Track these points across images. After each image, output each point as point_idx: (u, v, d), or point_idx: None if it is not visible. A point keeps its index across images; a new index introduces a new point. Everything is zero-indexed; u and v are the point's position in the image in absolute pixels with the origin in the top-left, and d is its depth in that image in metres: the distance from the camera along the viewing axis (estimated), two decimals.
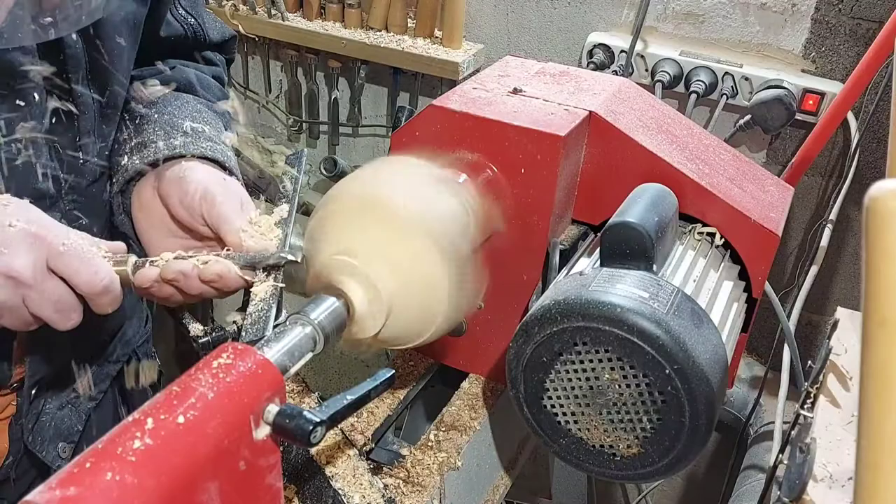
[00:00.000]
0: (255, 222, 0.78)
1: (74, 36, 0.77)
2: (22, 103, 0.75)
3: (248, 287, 0.76)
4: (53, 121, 0.79)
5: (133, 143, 0.85)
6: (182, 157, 0.82)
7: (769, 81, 1.51)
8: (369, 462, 0.84)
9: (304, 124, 2.08)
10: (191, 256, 0.74)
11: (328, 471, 0.79)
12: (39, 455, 0.91)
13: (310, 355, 0.64)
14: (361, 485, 0.79)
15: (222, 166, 0.85)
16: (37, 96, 0.76)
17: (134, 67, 0.90)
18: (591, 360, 0.71)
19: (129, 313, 1.05)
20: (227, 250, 0.76)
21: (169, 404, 0.50)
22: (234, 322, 0.77)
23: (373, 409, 0.93)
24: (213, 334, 0.78)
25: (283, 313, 0.73)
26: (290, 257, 0.74)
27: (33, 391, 0.90)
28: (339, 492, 0.77)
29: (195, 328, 0.80)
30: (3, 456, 0.91)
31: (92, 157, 0.85)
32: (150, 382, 1.05)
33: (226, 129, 0.93)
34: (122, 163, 0.85)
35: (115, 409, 1.05)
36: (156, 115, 0.87)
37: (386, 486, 0.82)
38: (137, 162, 0.83)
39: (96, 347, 0.99)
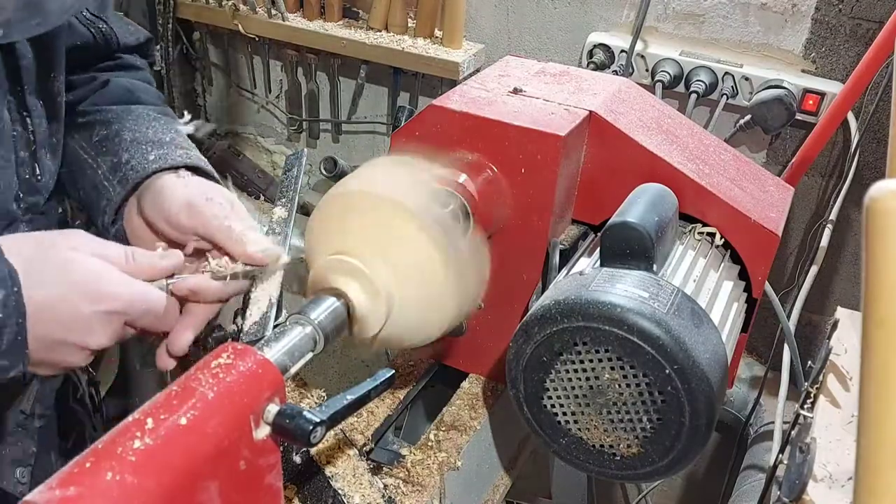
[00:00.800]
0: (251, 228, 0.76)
1: (26, 47, 0.74)
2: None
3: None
4: (14, 133, 0.76)
5: (105, 167, 0.82)
6: (160, 171, 0.79)
7: (769, 81, 1.51)
8: (369, 462, 0.84)
9: (304, 124, 2.08)
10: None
11: (328, 471, 0.79)
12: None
13: (310, 355, 0.64)
14: (361, 485, 0.79)
15: (201, 171, 0.82)
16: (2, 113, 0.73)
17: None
18: (591, 360, 0.71)
19: None
20: (228, 258, 0.75)
21: (169, 404, 0.50)
22: (235, 322, 0.77)
23: (373, 409, 0.93)
24: (213, 334, 0.78)
25: (283, 313, 0.73)
26: (295, 257, 0.75)
27: None
28: (339, 492, 0.77)
29: None
30: None
31: (46, 173, 0.81)
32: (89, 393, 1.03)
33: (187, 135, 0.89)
34: (101, 190, 0.81)
35: (61, 425, 1.00)
36: (116, 135, 0.83)
37: (386, 486, 0.82)
38: (119, 188, 0.80)
39: None
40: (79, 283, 0.65)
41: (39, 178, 0.81)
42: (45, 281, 0.64)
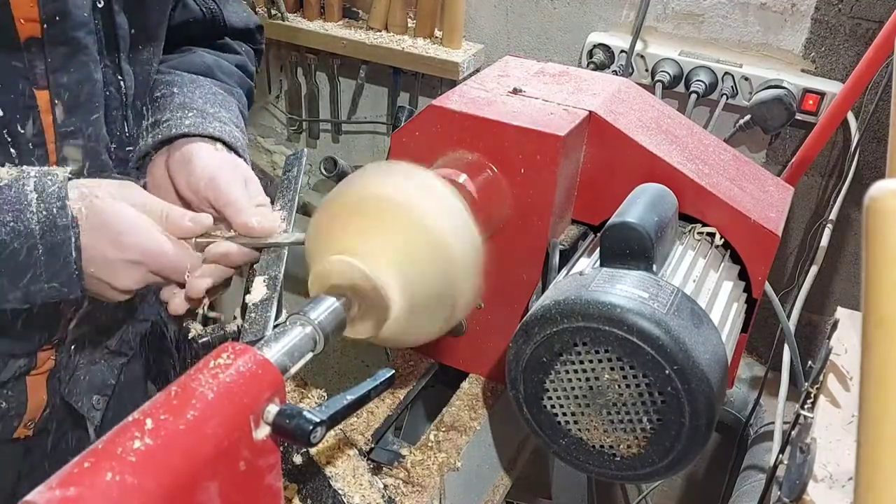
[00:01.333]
0: (261, 204, 0.81)
1: (123, 18, 0.82)
2: (83, 77, 0.80)
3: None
4: (108, 94, 0.84)
5: (149, 122, 0.89)
6: (191, 136, 0.85)
7: (769, 81, 1.51)
8: (369, 462, 0.84)
9: (303, 124, 2.08)
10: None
11: (328, 471, 0.79)
12: (75, 406, 0.97)
13: (310, 355, 0.64)
14: (361, 485, 0.79)
15: (231, 147, 0.87)
16: (95, 72, 0.81)
17: None
18: (591, 361, 0.71)
19: None
20: (234, 232, 0.80)
21: (169, 404, 0.50)
22: (235, 321, 0.78)
23: (373, 409, 0.93)
24: (213, 335, 0.78)
25: (283, 313, 0.73)
26: (295, 238, 0.78)
27: (72, 347, 0.95)
28: (339, 492, 0.77)
29: (195, 328, 0.80)
30: (43, 407, 0.96)
31: (134, 131, 0.89)
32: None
33: (241, 115, 0.96)
34: (137, 138, 0.89)
35: (145, 364, 1.12)
36: (171, 96, 0.91)
37: (386, 486, 0.82)
38: (150, 140, 0.87)
39: (130, 307, 1.03)
40: (108, 230, 0.73)
41: (128, 135, 0.89)
42: (88, 227, 0.73)
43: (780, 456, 0.88)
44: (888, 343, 0.37)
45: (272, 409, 0.54)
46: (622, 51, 1.61)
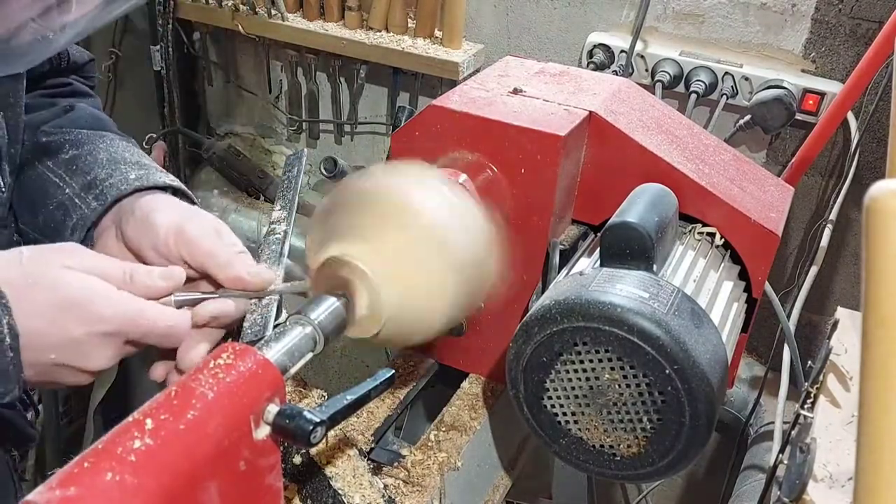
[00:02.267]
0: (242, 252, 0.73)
1: None
2: None
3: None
4: None
5: (77, 186, 0.77)
6: (142, 190, 0.76)
7: (769, 81, 1.51)
8: (369, 462, 0.84)
9: (304, 124, 2.08)
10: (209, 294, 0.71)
11: (328, 471, 0.79)
12: None
13: (310, 355, 0.64)
14: (361, 485, 0.79)
15: (182, 194, 0.79)
16: None
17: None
18: (591, 360, 0.71)
19: None
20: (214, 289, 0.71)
21: (169, 404, 0.50)
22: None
23: (373, 409, 0.93)
24: None
25: (283, 313, 0.73)
26: (292, 286, 0.72)
27: None
28: (340, 492, 0.77)
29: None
30: None
31: (6, 187, 0.78)
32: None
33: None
34: (71, 208, 0.76)
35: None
36: (90, 154, 0.80)
37: (386, 486, 0.82)
38: (95, 204, 0.75)
39: None
40: (70, 304, 0.62)
41: (3, 190, 0.78)
42: (35, 304, 0.61)
43: (780, 456, 0.88)
44: (888, 343, 0.37)
45: (272, 409, 0.54)
46: (622, 51, 1.61)
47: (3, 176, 0.78)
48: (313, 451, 0.80)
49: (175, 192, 0.79)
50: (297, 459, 0.78)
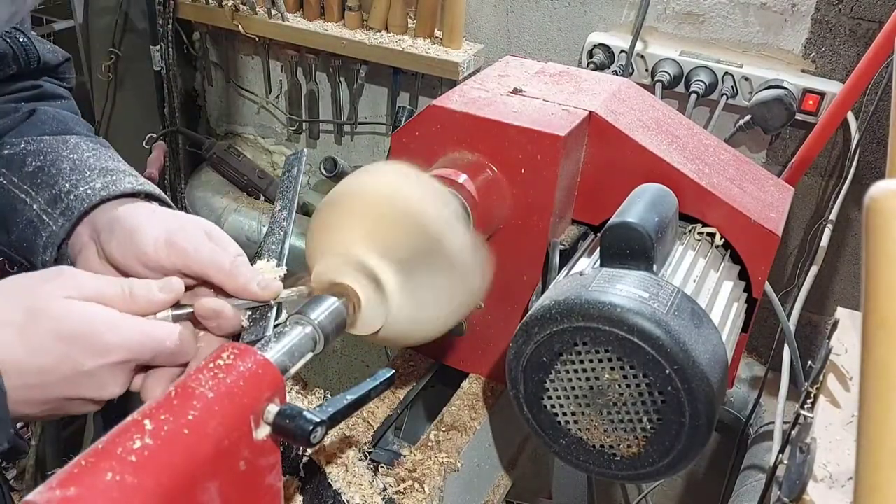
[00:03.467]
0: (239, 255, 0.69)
1: None
2: None
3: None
4: None
5: (43, 200, 0.73)
6: (108, 199, 0.71)
7: (769, 81, 1.51)
8: (370, 462, 0.84)
9: (304, 124, 2.08)
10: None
11: (328, 470, 0.79)
12: None
13: (310, 355, 0.64)
14: (361, 485, 0.79)
15: (157, 198, 0.75)
16: None
17: None
18: (591, 361, 0.71)
19: None
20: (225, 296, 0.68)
21: (169, 404, 0.50)
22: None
23: (373, 409, 0.93)
24: None
25: (283, 313, 0.73)
26: (298, 292, 0.70)
27: None
28: (340, 492, 0.77)
29: None
30: None
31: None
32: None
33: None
34: (39, 225, 0.72)
35: None
36: (53, 163, 0.75)
37: (385, 487, 0.82)
38: (62, 220, 0.71)
39: None
40: (78, 338, 0.59)
41: None
42: (42, 344, 0.59)
43: (780, 456, 0.88)
44: (889, 344, 0.37)
45: (272, 409, 0.54)
46: (622, 51, 1.61)
47: None
48: (312, 450, 0.80)
49: (147, 196, 0.74)
50: (298, 459, 0.78)
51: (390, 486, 0.83)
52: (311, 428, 0.54)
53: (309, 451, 0.80)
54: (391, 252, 0.68)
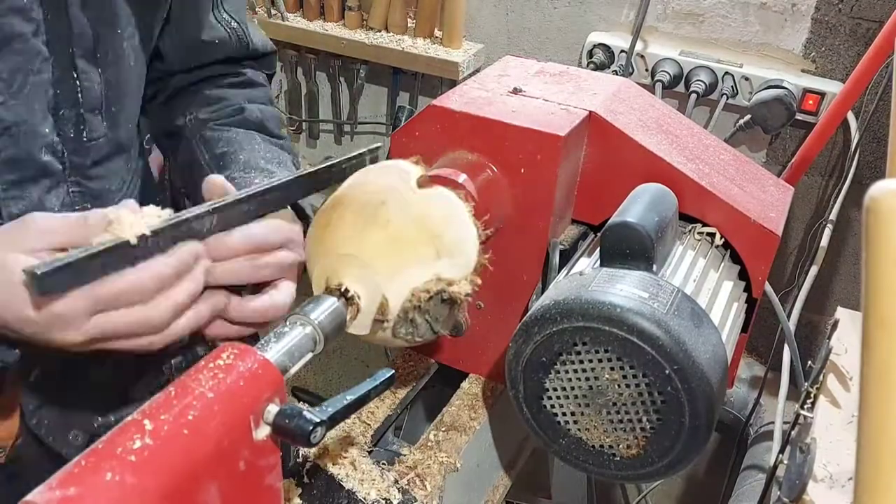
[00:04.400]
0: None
1: (80, 14, 0.78)
2: (15, 67, 0.74)
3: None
4: (58, 92, 0.79)
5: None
6: None
7: (769, 81, 1.51)
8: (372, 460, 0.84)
9: (303, 124, 2.08)
10: None
11: (335, 472, 0.79)
12: (47, 442, 0.88)
13: (310, 355, 0.64)
14: (374, 480, 0.79)
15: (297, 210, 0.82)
16: (30, 63, 0.75)
17: (185, 73, 0.95)
18: (590, 361, 0.71)
19: None
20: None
21: (169, 404, 0.50)
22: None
23: (373, 409, 0.93)
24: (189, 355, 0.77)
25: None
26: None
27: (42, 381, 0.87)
28: (353, 491, 0.77)
29: None
30: (13, 437, 0.86)
31: (99, 138, 0.84)
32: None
33: (295, 168, 0.94)
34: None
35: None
36: (234, 153, 0.90)
37: (397, 480, 0.82)
38: None
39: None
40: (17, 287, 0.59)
41: (86, 140, 0.82)
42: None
43: (780, 456, 0.88)
44: (889, 344, 0.37)
45: (272, 409, 0.54)
46: (622, 51, 1.61)
47: (90, 125, 0.83)
48: (316, 455, 0.80)
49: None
50: (303, 463, 0.78)
51: (396, 479, 0.83)
52: (311, 428, 0.54)
53: (311, 455, 0.80)
54: (390, 252, 0.68)
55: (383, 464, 0.86)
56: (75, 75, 0.80)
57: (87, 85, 0.81)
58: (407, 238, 0.69)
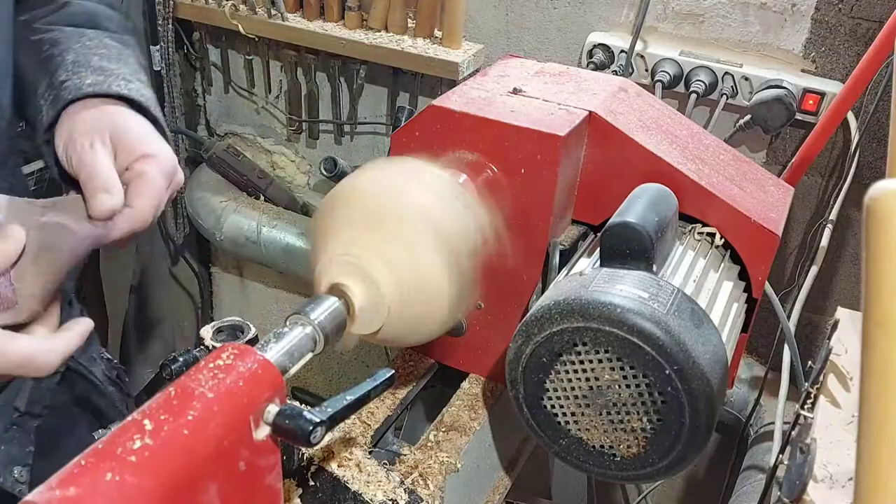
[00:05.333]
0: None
1: None
2: None
3: None
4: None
5: (43, 86, 0.77)
6: (96, 96, 0.74)
7: (769, 81, 1.51)
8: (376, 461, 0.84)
9: (303, 124, 2.08)
10: None
11: (341, 475, 0.79)
12: None
13: (310, 355, 0.64)
14: (380, 482, 0.79)
15: (141, 106, 0.76)
16: None
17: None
18: (590, 361, 0.71)
19: None
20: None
21: (169, 404, 0.50)
22: (202, 339, 0.76)
23: (373, 409, 0.93)
24: (183, 358, 0.77)
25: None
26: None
27: None
28: (360, 493, 0.77)
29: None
30: None
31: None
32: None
33: (139, 65, 0.84)
34: (37, 108, 0.76)
35: (59, 424, 0.97)
36: (60, 54, 0.78)
37: (402, 481, 0.82)
38: (50, 109, 0.74)
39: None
40: None
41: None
42: None
43: (780, 456, 0.88)
44: (888, 344, 0.37)
45: (272, 409, 0.54)
46: (622, 51, 1.61)
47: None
48: (320, 457, 0.80)
49: (133, 104, 0.75)
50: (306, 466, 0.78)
51: (402, 480, 0.83)
52: (311, 428, 0.54)
53: (316, 458, 0.79)
54: (390, 252, 0.68)
55: (384, 464, 0.86)
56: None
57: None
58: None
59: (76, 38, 0.80)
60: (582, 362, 0.71)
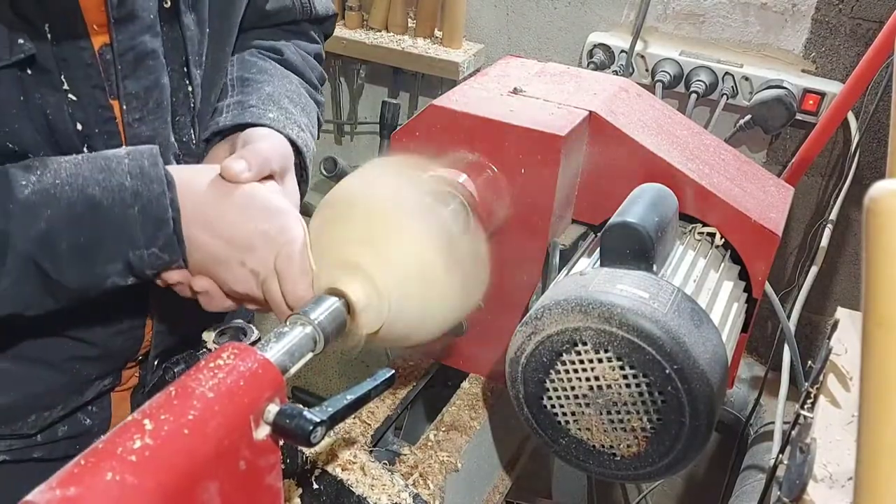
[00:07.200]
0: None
1: (190, 20, 0.79)
2: (151, 84, 0.77)
3: None
4: (174, 100, 0.81)
5: (234, 99, 0.87)
6: (261, 126, 0.83)
7: (769, 81, 1.51)
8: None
9: None
10: None
11: (345, 477, 0.79)
12: None
13: (310, 355, 0.64)
14: (385, 485, 0.79)
15: (300, 154, 0.87)
16: (162, 78, 0.78)
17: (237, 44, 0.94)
18: (591, 360, 0.71)
19: None
20: None
21: (169, 404, 0.50)
22: (204, 342, 0.77)
23: (373, 409, 0.93)
24: (187, 360, 0.77)
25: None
26: None
27: (156, 362, 0.91)
28: (364, 497, 0.77)
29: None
30: None
31: (201, 136, 0.86)
32: None
33: (319, 123, 0.98)
34: (218, 110, 0.87)
35: None
36: (261, 83, 0.90)
37: (407, 484, 0.82)
38: (229, 120, 0.85)
39: (218, 315, 1.00)
40: (245, 202, 0.71)
41: (195, 144, 0.86)
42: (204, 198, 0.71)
43: (780, 456, 0.88)
44: (888, 343, 0.37)
45: (272, 409, 0.54)
46: (622, 51, 1.61)
47: (195, 132, 0.85)
48: (324, 460, 0.80)
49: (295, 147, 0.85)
50: (307, 468, 0.78)
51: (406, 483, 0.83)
52: (311, 428, 0.54)
53: (319, 461, 0.79)
54: (389, 251, 0.68)
55: (384, 464, 0.86)
56: (187, 82, 0.82)
57: (196, 90, 0.83)
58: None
59: (279, 78, 0.92)
60: (582, 362, 0.71)
